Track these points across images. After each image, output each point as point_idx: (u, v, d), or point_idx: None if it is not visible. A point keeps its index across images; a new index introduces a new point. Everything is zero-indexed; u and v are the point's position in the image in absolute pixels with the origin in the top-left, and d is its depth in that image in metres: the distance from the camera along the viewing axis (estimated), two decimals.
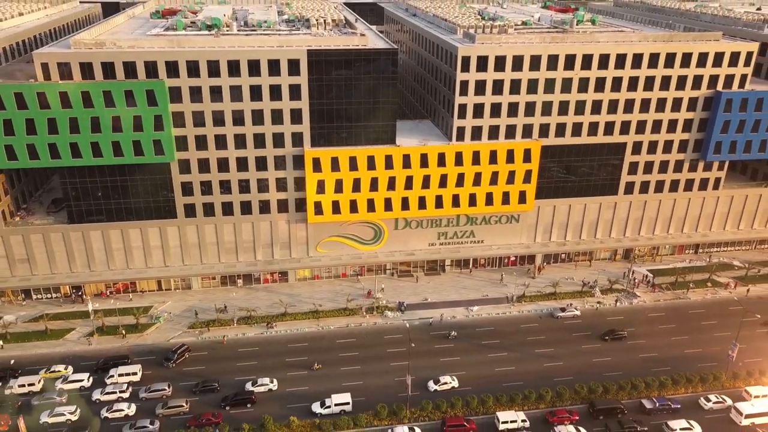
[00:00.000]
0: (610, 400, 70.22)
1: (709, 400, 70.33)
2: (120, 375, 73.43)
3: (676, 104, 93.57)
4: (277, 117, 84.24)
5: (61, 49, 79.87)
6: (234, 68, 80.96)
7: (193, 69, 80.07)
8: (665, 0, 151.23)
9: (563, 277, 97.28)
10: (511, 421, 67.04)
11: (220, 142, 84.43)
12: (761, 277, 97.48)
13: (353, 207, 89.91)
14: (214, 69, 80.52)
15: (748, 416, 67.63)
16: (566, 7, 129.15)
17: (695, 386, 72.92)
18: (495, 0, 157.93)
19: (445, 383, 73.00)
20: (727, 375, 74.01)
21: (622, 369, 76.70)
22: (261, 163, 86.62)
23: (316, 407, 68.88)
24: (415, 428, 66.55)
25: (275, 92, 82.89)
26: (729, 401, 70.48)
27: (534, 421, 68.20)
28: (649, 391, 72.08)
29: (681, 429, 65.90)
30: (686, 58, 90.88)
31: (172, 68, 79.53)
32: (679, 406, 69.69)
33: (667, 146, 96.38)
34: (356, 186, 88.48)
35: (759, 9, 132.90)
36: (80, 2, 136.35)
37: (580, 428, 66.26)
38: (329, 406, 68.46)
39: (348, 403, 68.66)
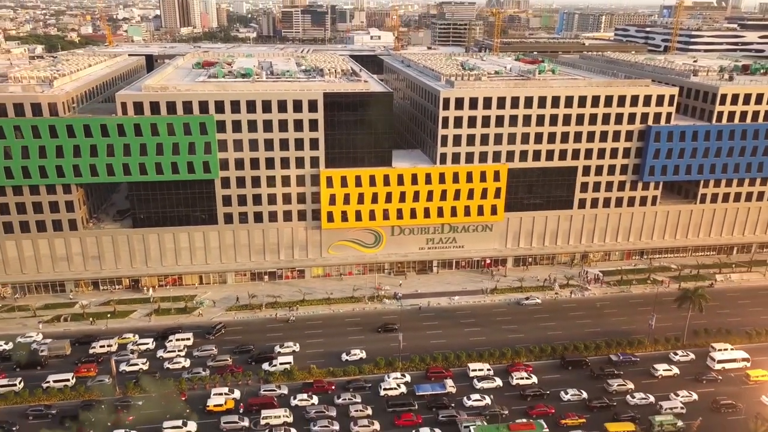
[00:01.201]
0: (577, 355, 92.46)
1: (676, 354, 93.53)
2: (177, 340, 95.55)
3: (616, 136, 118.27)
4: (299, 144, 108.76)
5: (134, 91, 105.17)
6: (266, 106, 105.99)
7: (235, 107, 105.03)
8: (623, 54, 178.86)
9: (529, 275, 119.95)
10: (479, 370, 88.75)
11: (254, 163, 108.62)
12: (692, 276, 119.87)
13: (358, 216, 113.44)
14: (251, 107, 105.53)
15: (720, 361, 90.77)
16: (534, 60, 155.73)
17: (624, 348, 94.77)
18: (477, 53, 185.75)
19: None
20: (648, 340, 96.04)
21: (569, 338, 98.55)
22: (285, 181, 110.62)
23: (343, 356, 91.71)
24: (406, 375, 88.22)
25: (298, 125, 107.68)
26: (692, 356, 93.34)
27: (497, 371, 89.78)
28: (588, 352, 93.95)
29: (664, 370, 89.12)
30: (622, 99, 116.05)
31: (219, 106, 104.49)
32: (638, 359, 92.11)
33: (611, 169, 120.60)
34: (360, 199, 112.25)
35: (696, 61, 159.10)
36: (128, 55, 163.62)
37: (531, 374, 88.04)
38: (354, 355, 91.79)
39: (363, 353, 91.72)
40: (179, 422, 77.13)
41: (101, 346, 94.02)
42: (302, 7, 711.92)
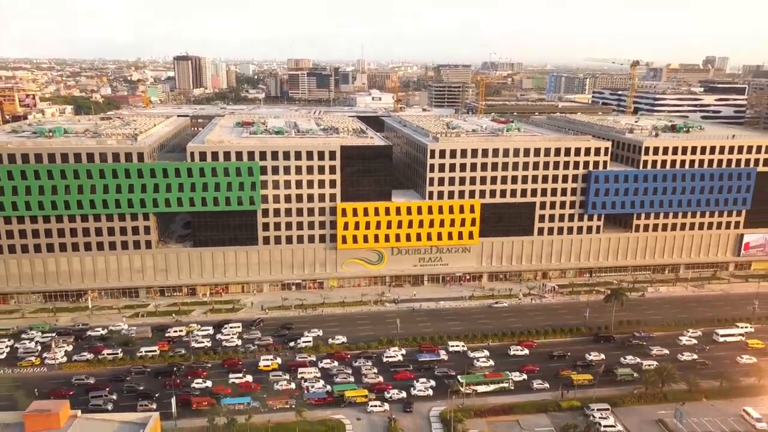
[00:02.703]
0: (606, 333, 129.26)
1: (686, 334, 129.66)
2: (231, 327, 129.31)
3: (565, 178, 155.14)
4: (321, 184, 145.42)
5: (199, 144, 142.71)
6: (297, 156, 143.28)
7: (274, 156, 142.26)
8: (583, 115, 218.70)
9: (500, 288, 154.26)
10: (455, 345, 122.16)
11: (287, 198, 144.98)
12: (628, 288, 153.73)
13: (365, 239, 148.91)
14: (286, 156, 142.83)
15: (723, 336, 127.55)
16: (507, 120, 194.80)
17: (575, 334, 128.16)
18: (464, 115, 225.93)
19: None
20: (585, 328, 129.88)
21: (525, 328, 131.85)
22: (310, 212, 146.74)
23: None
24: (403, 350, 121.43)
25: (321, 170, 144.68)
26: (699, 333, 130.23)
27: (500, 348, 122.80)
28: (537, 336, 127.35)
29: (687, 339, 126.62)
30: (568, 151, 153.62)
31: (262, 155, 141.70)
32: (653, 336, 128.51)
33: (562, 204, 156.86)
34: (367, 226, 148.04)
35: (637, 121, 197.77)
36: (178, 116, 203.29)
37: (525, 348, 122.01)
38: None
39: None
40: (240, 374, 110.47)
41: (174, 332, 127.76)
42: (307, 69, 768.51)
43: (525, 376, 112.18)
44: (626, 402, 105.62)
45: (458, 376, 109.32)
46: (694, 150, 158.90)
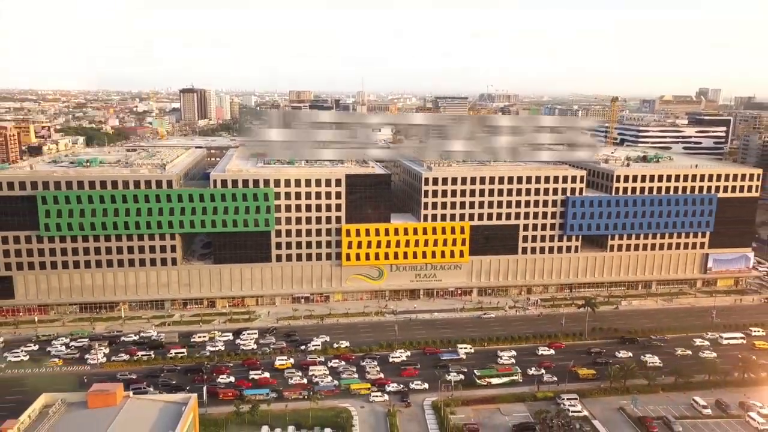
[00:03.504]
0: (631, 336, 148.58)
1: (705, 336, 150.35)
2: (248, 334, 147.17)
3: (545, 203, 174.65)
4: (328, 208, 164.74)
5: (220, 172, 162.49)
6: (307, 183, 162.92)
7: (286, 183, 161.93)
8: None
9: (488, 301, 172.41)
10: (464, 348, 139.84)
11: (298, 220, 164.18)
12: (603, 302, 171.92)
13: (367, 257, 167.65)
14: (297, 183, 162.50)
15: (726, 338, 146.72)
16: None
17: (554, 339, 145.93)
18: None
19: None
20: (560, 334, 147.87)
21: (508, 335, 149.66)
22: (318, 232, 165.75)
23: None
24: (408, 351, 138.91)
25: (328, 195, 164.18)
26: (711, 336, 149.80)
27: (524, 351, 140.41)
28: (520, 341, 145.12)
29: (727, 338, 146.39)
30: (548, 179, 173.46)
31: (276, 182, 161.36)
32: (667, 340, 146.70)
33: (543, 226, 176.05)
34: (369, 245, 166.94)
35: (613, 152, 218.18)
36: (195, 148, 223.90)
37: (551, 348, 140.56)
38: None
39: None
40: (259, 371, 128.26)
41: (198, 337, 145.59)
42: (308, 101, 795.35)
43: (543, 371, 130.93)
44: (593, 394, 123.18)
45: (475, 370, 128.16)
46: (660, 178, 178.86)
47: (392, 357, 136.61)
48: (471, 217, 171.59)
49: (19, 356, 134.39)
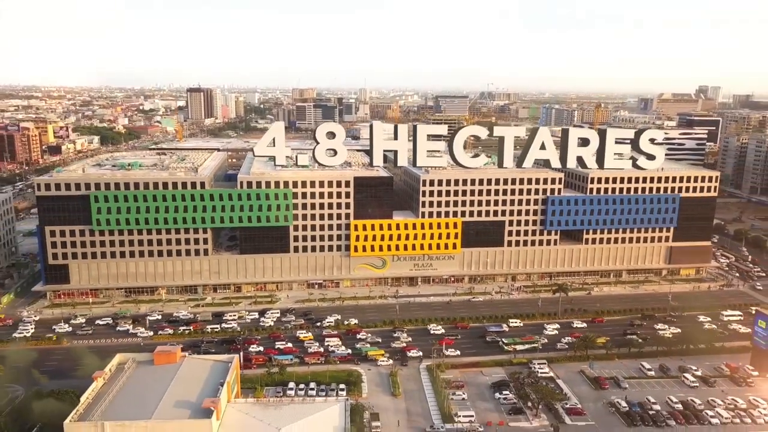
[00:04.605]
0: (651, 313, 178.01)
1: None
2: (271, 313, 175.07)
3: (528, 202, 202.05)
4: (338, 206, 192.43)
5: (246, 174, 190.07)
6: (321, 184, 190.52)
7: (303, 184, 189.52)
8: None
9: (478, 287, 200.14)
10: (436, 328, 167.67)
11: (312, 217, 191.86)
12: (577, 288, 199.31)
13: (372, 248, 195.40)
14: (311, 184, 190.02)
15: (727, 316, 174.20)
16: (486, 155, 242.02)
17: (537, 318, 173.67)
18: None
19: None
20: (537, 314, 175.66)
21: (494, 314, 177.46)
22: (330, 227, 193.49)
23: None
24: (440, 325, 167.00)
25: (338, 195, 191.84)
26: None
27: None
28: (488, 319, 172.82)
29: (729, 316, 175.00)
30: (530, 180, 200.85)
31: (294, 184, 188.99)
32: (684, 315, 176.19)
33: (526, 222, 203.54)
34: (374, 238, 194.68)
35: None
36: (217, 151, 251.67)
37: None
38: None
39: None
40: (284, 342, 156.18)
41: (229, 316, 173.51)
42: (312, 100, 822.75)
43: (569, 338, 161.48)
44: (560, 360, 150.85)
45: (503, 339, 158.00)
46: (630, 180, 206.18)
47: (432, 329, 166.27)
48: (463, 213, 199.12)
49: (89, 330, 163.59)
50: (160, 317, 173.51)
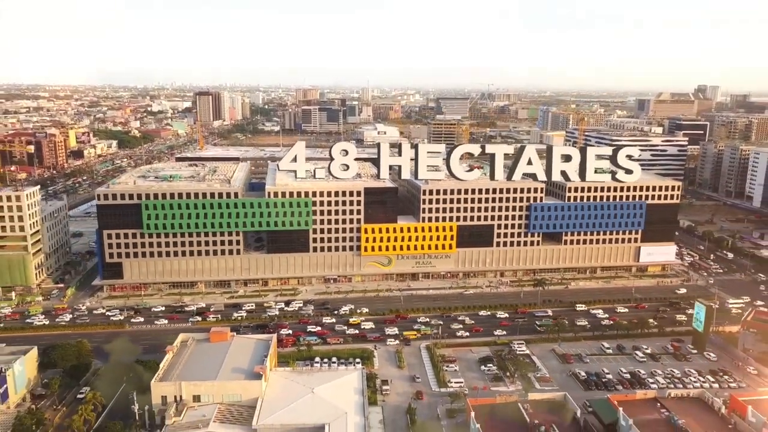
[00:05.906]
0: (677, 300, 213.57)
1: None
2: (295, 303, 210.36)
3: (514, 208, 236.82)
4: (351, 212, 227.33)
5: (272, 185, 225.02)
6: (336, 193, 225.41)
7: (321, 194, 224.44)
8: None
9: (471, 282, 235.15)
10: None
11: (329, 221, 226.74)
12: (556, 282, 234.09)
13: (380, 248, 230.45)
14: (328, 193, 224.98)
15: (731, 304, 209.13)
16: (479, 165, 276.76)
17: (507, 307, 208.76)
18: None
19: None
20: (520, 304, 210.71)
21: (483, 304, 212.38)
22: (343, 230, 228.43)
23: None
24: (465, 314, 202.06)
25: (351, 203, 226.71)
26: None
27: (510, 315, 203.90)
28: (478, 309, 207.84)
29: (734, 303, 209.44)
30: (515, 189, 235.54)
31: (314, 193, 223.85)
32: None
33: (513, 225, 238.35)
34: (381, 239, 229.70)
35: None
36: (241, 162, 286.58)
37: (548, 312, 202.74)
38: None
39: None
40: (312, 326, 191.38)
41: (249, 310, 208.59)
42: (317, 103, 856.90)
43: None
44: (536, 342, 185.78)
45: (537, 322, 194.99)
46: (603, 189, 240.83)
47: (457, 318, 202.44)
48: (458, 218, 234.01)
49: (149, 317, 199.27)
50: (204, 305, 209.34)
